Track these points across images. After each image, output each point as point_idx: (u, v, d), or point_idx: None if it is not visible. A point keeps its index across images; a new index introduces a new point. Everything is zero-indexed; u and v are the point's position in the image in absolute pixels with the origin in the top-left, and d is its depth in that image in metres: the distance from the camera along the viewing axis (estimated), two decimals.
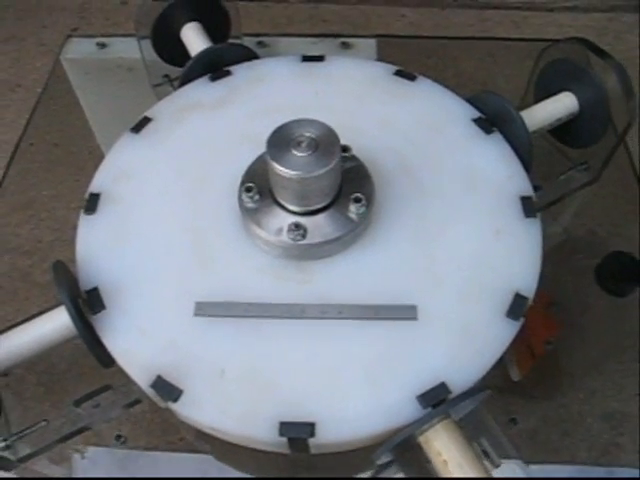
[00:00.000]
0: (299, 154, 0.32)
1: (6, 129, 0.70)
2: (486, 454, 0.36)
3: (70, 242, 0.38)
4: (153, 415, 0.46)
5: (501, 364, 0.46)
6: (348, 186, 0.35)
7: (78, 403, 0.38)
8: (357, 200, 0.34)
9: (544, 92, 0.44)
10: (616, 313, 0.50)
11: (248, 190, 0.34)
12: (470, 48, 0.72)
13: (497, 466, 0.35)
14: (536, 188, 0.45)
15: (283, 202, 0.34)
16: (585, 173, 0.46)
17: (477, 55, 0.71)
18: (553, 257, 0.51)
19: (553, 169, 0.48)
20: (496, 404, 0.44)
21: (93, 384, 0.39)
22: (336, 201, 0.34)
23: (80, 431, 0.38)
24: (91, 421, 0.38)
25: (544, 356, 0.47)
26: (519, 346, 0.46)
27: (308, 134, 0.33)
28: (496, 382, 0.45)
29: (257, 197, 0.35)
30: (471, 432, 0.36)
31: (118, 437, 0.40)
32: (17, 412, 0.42)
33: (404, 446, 0.32)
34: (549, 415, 0.46)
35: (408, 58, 0.69)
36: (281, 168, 0.32)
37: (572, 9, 0.83)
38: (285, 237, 0.33)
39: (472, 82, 0.69)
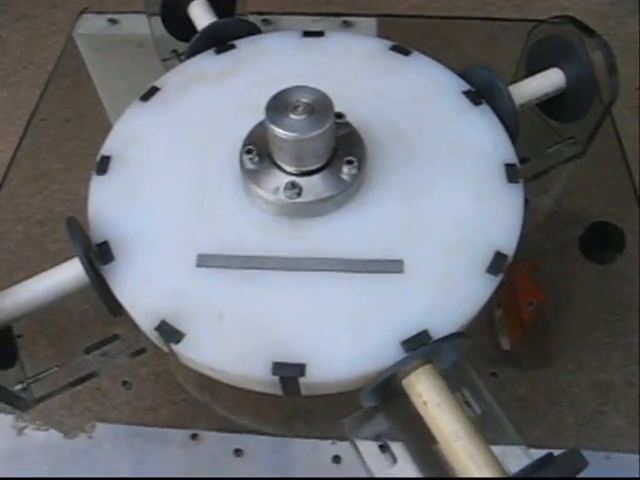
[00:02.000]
0: (295, 117, 0.34)
1: (19, 105, 0.73)
2: (468, 404, 0.38)
3: (80, 212, 0.41)
4: (157, 378, 0.49)
5: (492, 333, 0.48)
6: (342, 150, 0.37)
7: (88, 350, 0.41)
8: (349, 162, 0.36)
9: (534, 68, 0.46)
10: (602, 283, 0.52)
11: (248, 152, 0.37)
12: (473, 30, 0.73)
13: (476, 413, 0.38)
14: (524, 160, 0.47)
15: (280, 163, 0.36)
16: (573, 147, 0.48)
17: (480, 37, 0.72)
18: (543, 228, 0.54)
19: (543, 142, 0.50)
20: (487, 372, 0.47)
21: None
22: (330, 163, 0.37)
23: (89, 376, 0.41)
24: (99, 368, 0.41)
25: (534, 327, 0.49)
26: (508, 315, 0.49)
27: (304, 99, 0.35)
28: (488, 351, 0.47)
29: (257, 159, 0.37)
30: (454, 383, 0.39)
31: (125, 382, 0.42)
32: (30, 367, 0.44)
33: (389, 391, 0.34)
34: (538, 384, 0.48)
35: (410, 39, 0.71)
36: (279, 130, 0.34)
37: None
38: (282, 195, 0.36)
39: (474, 62, 0.70)
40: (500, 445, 0.35)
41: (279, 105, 0.35)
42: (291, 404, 0.41)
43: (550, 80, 0.45)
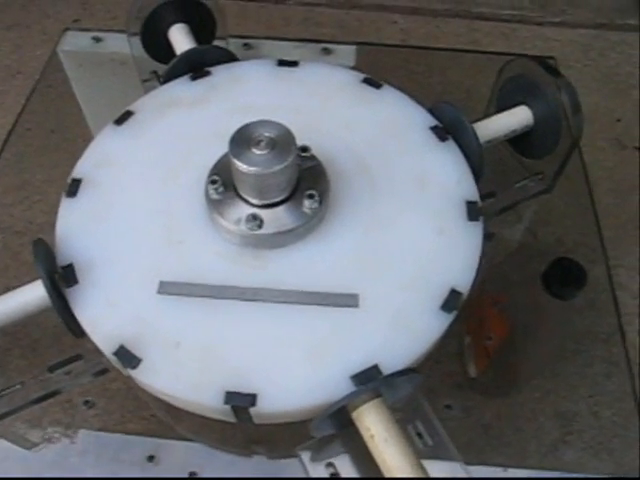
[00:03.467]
0: (258, 152, 0.35)
1: (5, 113, 0.73)
2: (420, 436, 0.39)
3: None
4: (127, 392, 0.49)
5: (461, 362, 0.49)
6: (305, 183, 0.38)
7: (52, 369, 0.42)
8: (311, 196, 0.37)
9: (504, 105, 0.47)
10: (567, 316, 0.53)
11: (213, 182, 0.38)
12: (458, 57, 0.75)
13: (428, 446, 0.39)
14: (491, 194, 0.48)
15: (244, 195, 0.37)
16: (540, 182, 0.49)
17: (465, 64, 0.74)
18: (510, 260, 0.55)
19: (511, 177, 0.51)
20: (455, 399, 0.47)
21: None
22: (292, 196, 0.38)
23: (52, 394, 0.42)
24: (62, 386, 0.42)
25: (501, 356, 0.50)
26: (476, 344, 0.50)
27: (267, 134, 0.36)
28: (456, 379, 0.48)
29: (221, 189, 0.38)
30: (407, 415, 0.39)
31: (86, 402, 0.43)
32: (1, 381, 0.45)
33: (344, 422, 0.35)
34: (504, 411, 0.49)
35: (396, 65, 0.72)
36: (241, 164, 0.35)
37: (560, 24, 0.86)
38: (243, 227, 0.37)
39: (457, 90, 0.71)
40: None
41: (242, 139, 0.36)
42: (253, 427, 0.42)
43: (518, 118, 0.46)
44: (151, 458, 0.40)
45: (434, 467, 0.35)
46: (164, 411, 0.43)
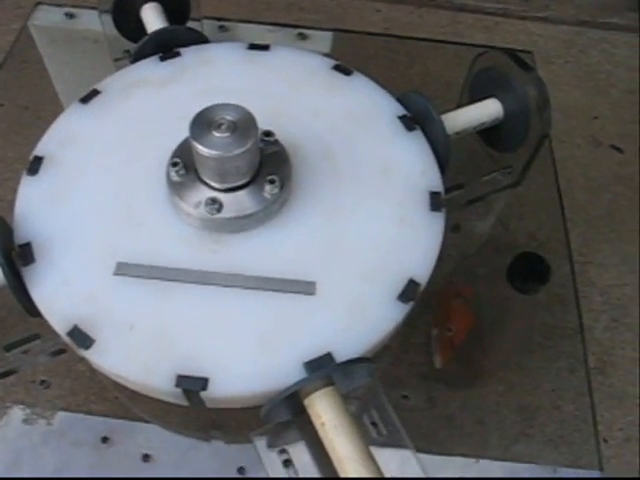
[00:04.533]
0: (218, 135, 0.35)
1: None
2: (374, 425, 0.39)
3: None
4: (92, 374, 0.49)
5: (428, 353, 0.49)
6: (266, 168, 0.38)
7: (8, 348, 0.41)
8: (272, 182, 0.37)
9: (475, 97, 0.47)
10: (533, 310, 0.53)
11: (174, 165, 0.37)
12: (439, 48, 0.75)
13: (382, 435, 0.39)
14: (459, 186, 0.48)
15: (204, 178, 0.37)
16: (508, 176, 0.49)
17: (446, 55, 0.74)
18: (477, 255, 0.55)
19: (481, 170, 0.51)
20: (419, 389, 0.48)
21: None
22: (253, 180, 0.37)
23: (8, 373, 0.41)
24: (19, 365, 0.41)
25: (467, 348, 0.50)
26: (441, 336, 0.50)
27: (229, 117, 0.35)
28: (421, 369, 0.48)
29: (182, 172, 0.37)
30: (363, 404, 0.39)
31: (42, 382, 0.43)
32: None
33: (296, 408, 0.35)
34: (467, 403, 0.49)
35: (377, 53, 0.72)
36: (201, 147, 0.35)
37: (543, 19, 0.86)
38: (202, 210, 0.37)
39: (436, 81, 0.71)
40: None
41: (203, 122, 0.35)
42: (211, 412, 0.42)
43: (487, 110, 0.46)
44: (105, 439, 0.40)
45: (385, 455, 0.36)
46: (122, 393, 0.43)
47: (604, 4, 0.85)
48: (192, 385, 0.33)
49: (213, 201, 0.36)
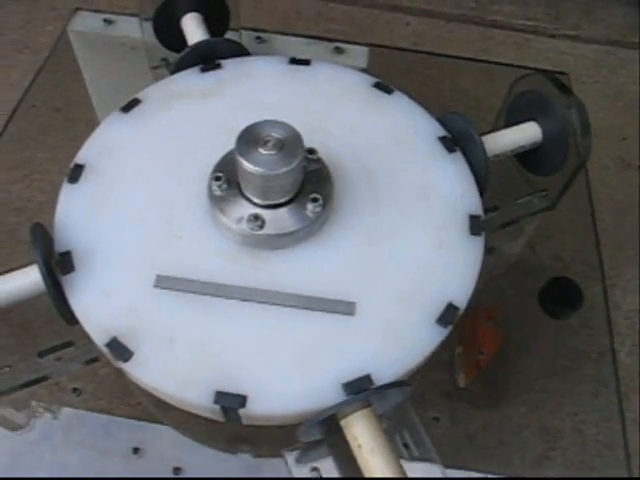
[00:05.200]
0: (265, 152, 0.35)
1: (11, 88, 0.72)
2: (406, 446, 0.39)
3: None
4: (116, 378, 0.49)
5: (451, 371, 0.49)
6: (309, 186, 0.38)
7: (42, 354, 0.41)
8: (314, 200, 0.37)
9: (514, 119, 0.47)
10: (561, 333, 0.53)
11: (217, 179, 0.38)
12: (469, 64, 0.75)
13: (414, 457, 0.39)
14: (495, 208, 0.48)
15: (247, 194, 0.37)
16: (543, 199, 0.49)
17: (475, 71, 0.74)
18: (508, 275, 0.55)
19: (515, 192, 0.51)
20: (442, 407, 0.47)
21: (62, 341, 0.42)
22: (296, 198, 0.37)
23: (41, 380, 0.41)
24: (52, 372, 0.42)
25: (491, 368, 0.50)
26: (467, 354, 0.50)
27: (275, 135, 0.35)
28: (445, 387, 0.48)
29: (225, 186, 0.38)
30: (395, 425, 0.39)
31: (75, 389, 0.43)
32: None
33: (331, 428, 0.35)
34: (490, 423, 0.49)
35: (408, 67, 0.72)
36: (246, 164, 0.35)
37: (573, 38, 0.86)
38: (244, 226, 0.37)
39: (467, 97, 0.71)
40: None
41: (250, 138, 0.35)
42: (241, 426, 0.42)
43: (526, 133, 0.45)
44: (136, 450, 0.40)
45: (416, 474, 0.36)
46: (152, 402, 0.43)
47: (636, 24, 0.85)
48: (231, 402, 0.33)
49: (256, 218, 0.36)
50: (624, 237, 0.68)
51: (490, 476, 0.45)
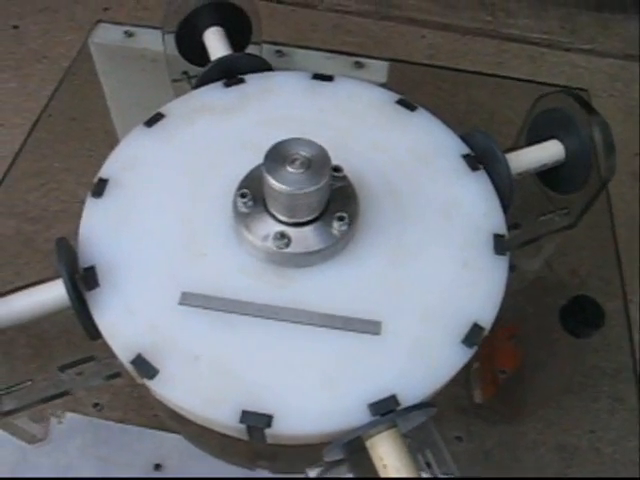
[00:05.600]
0: (292, 170, 0.35)
1: (28, 98, 0.73)
2: (429, 465, 0.39)
3: (75, 215, 0.41)
4: (132, 390, 0.49)
5: (467, 386, 0.49)
6: (335, 204, 0.38)
7: (63, 369, 0.41)
8: (340, 219, 0.37)
9: (536, 137, 0.47)
10: (579, 350, 0.52)
11: (243, 196, 0.37)
12: (484, 78, 0.75)
13: (436, 477, 0.38)
14: (516, 225, 0.48)
15: (273, 211, 0.37)
16: (565, 217, 0.49)
17: (490, 85, 0.74)
18: (527, 292, 0.54)
19: (536, 210, 0.51)
20: (458, 423, 0.47)
21: (80, 353, 0.42)
22: (322, 216, 0.37)
23: (61, 394, 0.41)
24: (72, 387, 0.42)
25: (508, 385, 0.50)
26: (484, 370, 0.49)
27: (303, 153, 0.35)
28: (461, 403, 0.48)
29: (250, 203, 0.38)
30: (417, 443, 0.39)
31: (96, 405, 0.43)
32: (4, 369, 0.45)
33: (354, 447, 0.35)
34: (505, 440, 0.49)
35: (423, 80, 0.72)
36: (274, 182, 0.35)
37: (588, 52, 0.86)
38: (270, 244, 0.36)
39: (482, 111, 0.71)
40: None
41: (278, 156, 0.35)
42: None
43: (549, 152, 0.45)
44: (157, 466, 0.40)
45: None
46: (169, 415, 0.43)
47: None
48: (257, 421, 0.33)
49: (282, 236, 0.36)
50: (639, 252, 0.68)
51: None
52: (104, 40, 0.59)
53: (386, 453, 0.33)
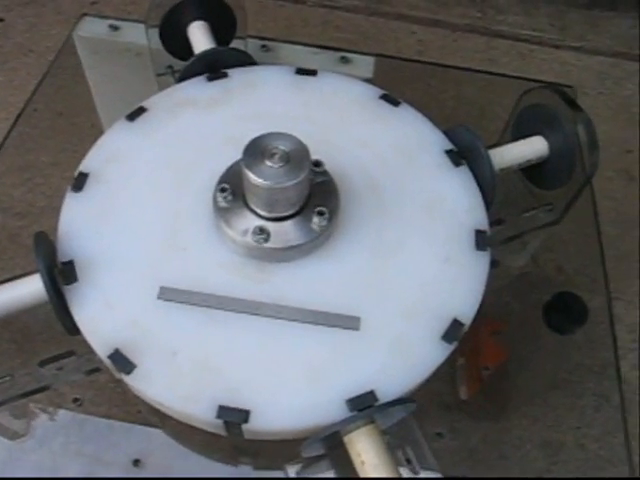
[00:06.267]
0: (271, 165, 0.35)
1: (14, 91, 0.72)
2: (409, 461, 0.39)
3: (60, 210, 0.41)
4: (116, 386, 0.49)
5: (452, 383, 0.49)
6: (315, 198, 0.38)
7: (43, 364, 0.41)
8: (320, 213, 0.37)
9: (520, 132, 0.47)
10: (564, 346, 0.52)
11: (222, 190, 0.37)
12: (473, 74, 0.75)
13: (417, 473, 0.38)
14: (500, 221, 0.48)
15: (252, 206, 0.37)
16: (549, 214, 0.49)
17: (479, 82, 0.73)
18: (511, 288, 0.54)
19: (521, 206, 0.51)
20: (442, 419, 0.47)
21: (63, 348, 0.42)
22: (302, 211, 0.37)
23: (42, 389, 0.41)
24: (53, 382, 0.41)
25: (493, 381, 0.50)
26: (469, 367, 0.49)
27: (282, 147, 0.35)
28: (446, 399, 0.48)
29: (230, 198, 0.37)
30: (398, 440, 0.39)
31: (76, 400, 0.43)
32: None
33: (334, 443, 0.35)
34: (490, 436, 0.49)
35: (411, 76, 0.72)
36: (253, 176, 0.34)
37: (578, 49, 0.86)
38: (249, 238, 0.36)
39: (470, 107, 0.71)
40: None
41: (256, 150, 0.35)
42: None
43: (533, 148, 0.45)
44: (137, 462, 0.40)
45: None
46: (149, 411, 0.43)
47: None
48: (234, 417, 0.33)
49: (261, 230, 0.36)
50: (627, 250, 0.68)
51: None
52: (89, 33, 0.58)
53: (364, 449, 0.33)
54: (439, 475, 0.38)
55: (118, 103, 0.57)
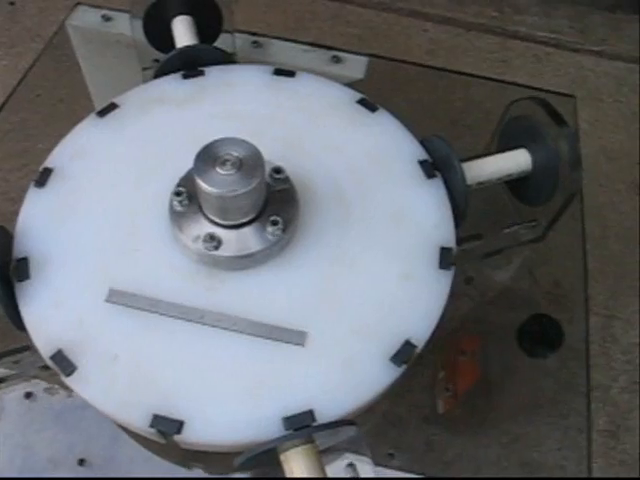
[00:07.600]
0: (222, 172, 0.34)
1: (19, 76, 0.73)
2: None
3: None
4: None
5: (431, 394, 0.48)
6: (273, 206, 0.36)
7: None
8: (274, 223, 0.36)
9: (506, 144, 0.45)
10: (546, 368, 0.51)
11: (178, 194, 0.36)
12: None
13: None
14: (478, 236, 0.46)
15: (206, 212, 0.36)
16: (532, 230, 0.47)
17: (487, 85, 0.71)
18: (493, 305, 0.53)
19: (505, 220, 0.49)
20: (419, 432, 0.46)
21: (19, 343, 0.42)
22: (257, 219, 0.36)
23: None
24: (9, 375, 0.41)
25: (473, 395, 0.48)
26: (447, 382, 0.48)
27: (235, 153, 0.34)
28: (423, 411, 0.47)
29: (186, 202, 0.37)
30: (349, 456, 0.38)
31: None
32: None
33: (270, 460, 0.34)
34: (467, 451, 0.48)
35: (422, 76, 0.70)
36: (203, 184, 0.34)
37: (597, 53, 0.82)
38: (200, 245, 0.35)
39: (477, 110, 0.69)
40: None
41: (208, 156, 0.34)
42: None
43: (515, 161, 0.43)
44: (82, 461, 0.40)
45: None
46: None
47: None
48: (167, 427, 0.32)
49: (212, 238, 0.35)
50: (629, 266, 0.65)
51: None
52: (81, 23, 0.58)
53: (298, 468, 0.32)
54: None
55: (110, 93, 0.57)
